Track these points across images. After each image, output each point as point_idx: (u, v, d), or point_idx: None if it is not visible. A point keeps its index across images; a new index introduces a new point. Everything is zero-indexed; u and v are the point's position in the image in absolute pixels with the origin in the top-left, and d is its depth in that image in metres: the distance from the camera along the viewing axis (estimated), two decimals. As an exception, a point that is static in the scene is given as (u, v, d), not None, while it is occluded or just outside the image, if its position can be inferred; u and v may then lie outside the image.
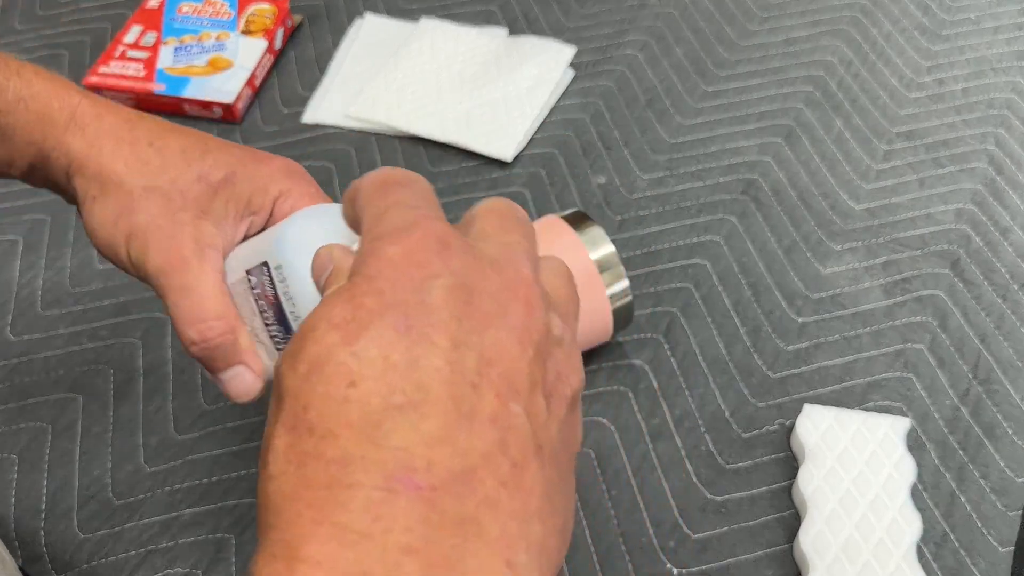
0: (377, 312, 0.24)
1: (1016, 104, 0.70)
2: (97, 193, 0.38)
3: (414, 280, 0.24)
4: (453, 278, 0.25)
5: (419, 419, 0.22)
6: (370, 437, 0.22)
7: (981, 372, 0.54)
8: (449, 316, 0.24)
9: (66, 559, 0.48)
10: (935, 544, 0.48)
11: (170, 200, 0.37)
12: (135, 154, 0.38)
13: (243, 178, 0.39)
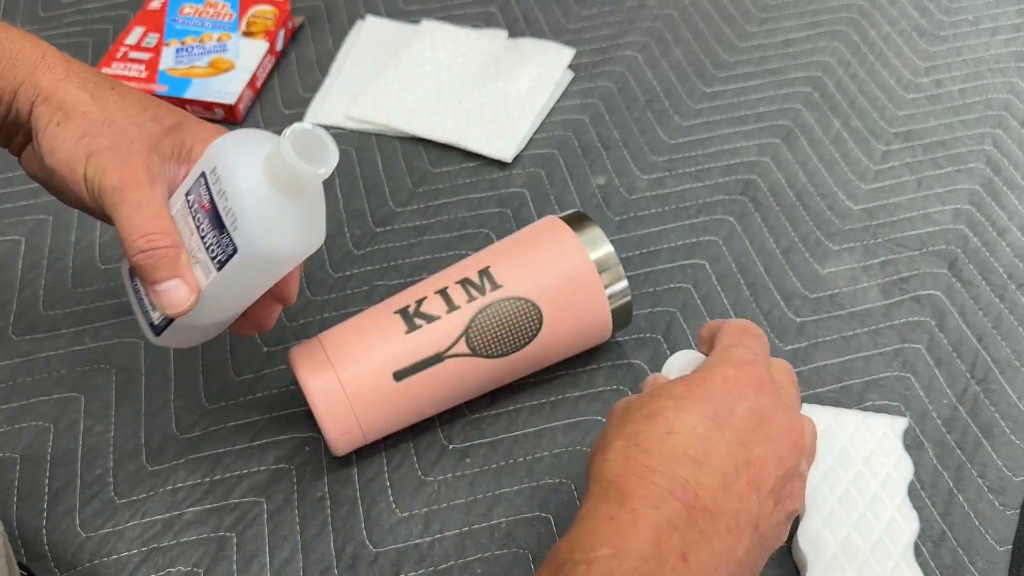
0: (701, 400, 0.38)
1: (1014, 105, 0.70)
2: (61, 119, 0.42)
3: (732, 395, 0.38)
4: (757, 406, 0.38)
5: (699, 470, 0.36)
6: (669, 465, 0.36)
7: (979, 371, 0.55)
8: (743, 425, 0.38)
9: (68, 558, 0.49)
10: (933, 543, 0.48)
11: (127, 131, 0.42)
12: (99, 92, 0.43)
13: (189, 129, 0.43)
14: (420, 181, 0.67)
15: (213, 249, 0.41)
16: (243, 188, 0.39)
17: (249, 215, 0.39)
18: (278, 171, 0.38)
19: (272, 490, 0.51)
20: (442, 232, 0.63)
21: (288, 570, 0.48)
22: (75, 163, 0.41)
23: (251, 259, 0.40)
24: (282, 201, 0.39)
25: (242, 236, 0.39)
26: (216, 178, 0.40)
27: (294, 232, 0.40)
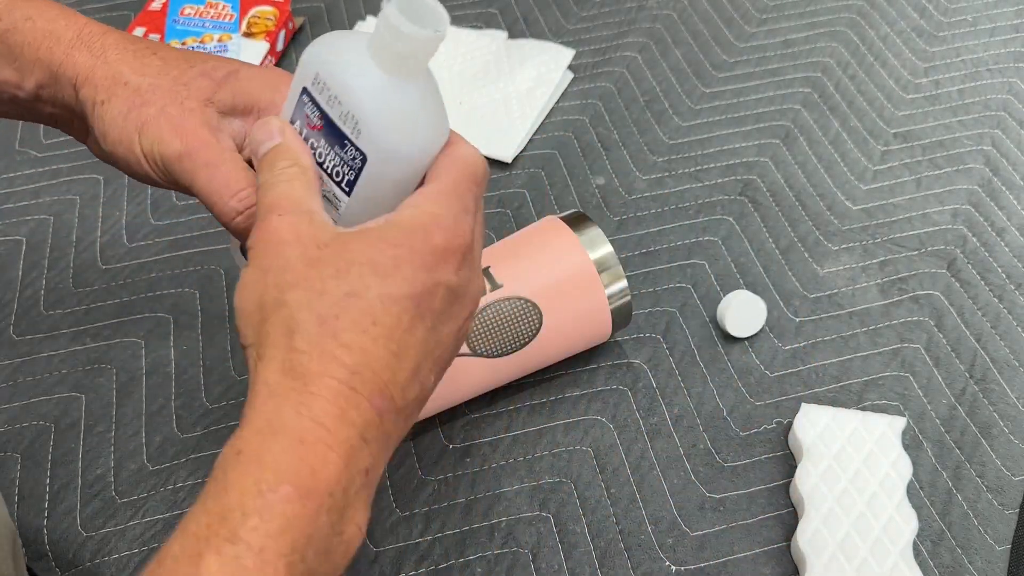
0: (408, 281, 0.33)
1: (1012, 105, 0.70)
2: (105, 97, 0.39)
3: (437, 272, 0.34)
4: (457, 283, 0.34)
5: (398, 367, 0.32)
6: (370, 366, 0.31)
7: (977, 371, 0.55)
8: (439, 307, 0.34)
9: (69, 557, 0.49)
10: (932, 542, 0.48)
11: (175, 92, 0.39)
12: (139, 59, 0.40)
13: (246, 75, 0.40)
14: (420, 181, 0.67)
15: (338, 171, 0.36)
16: (358, 83, 0.34)
17: (372, 110, 0.34)
18: (390, 46, 0.33)
19: (272, 489, 0.51)
20: (442, 232, 0.63)
21: (288, 569, 0.48)
22: (130, 141, 0.39)
23: (384, 164, 0.35)
24: (403, 87, 0.34)
25: (368, 138, 0.34)
26: (322, 86, 0.35)
27: (424, 122, 0.35)
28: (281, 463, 0.29)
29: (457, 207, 0.34)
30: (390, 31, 0.33)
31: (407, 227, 0.33)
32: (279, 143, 0.36)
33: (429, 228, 0.33)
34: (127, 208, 0.65)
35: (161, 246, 0.63)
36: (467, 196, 0.35)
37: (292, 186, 0.34)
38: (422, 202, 0.34)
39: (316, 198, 0.35)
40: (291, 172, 0.35)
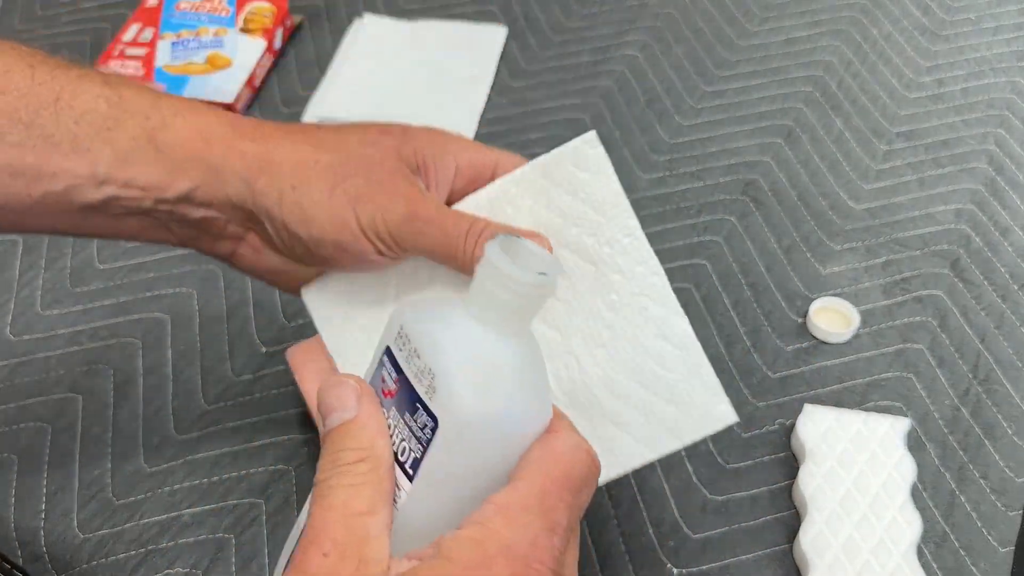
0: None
1: (1016, 104, 0.70)
2: (296, 182, 0.36)
3: None
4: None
5: None
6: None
7: (981, 372, 0.54)
8: None
9: (66, 559, 0.48)
10: (935, 544, 0.48)
11: (369, 158, 0.36)
12: (312, 138, 0.37)
13: (418, 131, 0.39)
14: (420, 180, 0.66)
15: (405, 448, 0.29)
16: (441, 330, 0.28)
17: (451, 361, 0.27)
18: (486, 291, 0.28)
19: (271, 491, 0.50)
20: (442, 232, 0.63)
21: (287, 572, 0.48)
22: (344, 217, 0.35)
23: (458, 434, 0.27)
24: (495, 341, 0.28)
25: (442, 396, 0.27)
26: (404, 340, 0.29)
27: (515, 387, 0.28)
28: None
29: (538, 526, 0.26)
30: (487, 270, 0.28)
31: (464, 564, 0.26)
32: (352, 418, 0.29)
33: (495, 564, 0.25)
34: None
35: (159, 246, 0.62)
36: (556, 509, 0.27)
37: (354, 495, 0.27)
38: (492, 518, 0.27)
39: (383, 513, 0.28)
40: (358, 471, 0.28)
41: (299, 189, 0.35)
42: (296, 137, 0.37)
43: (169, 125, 0.36)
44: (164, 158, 0.36)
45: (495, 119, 0.70)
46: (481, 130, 0.69)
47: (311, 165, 0.36)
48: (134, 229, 0.38)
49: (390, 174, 0.36)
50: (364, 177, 0.36)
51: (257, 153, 0.36)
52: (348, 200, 0.35)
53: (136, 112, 0.36)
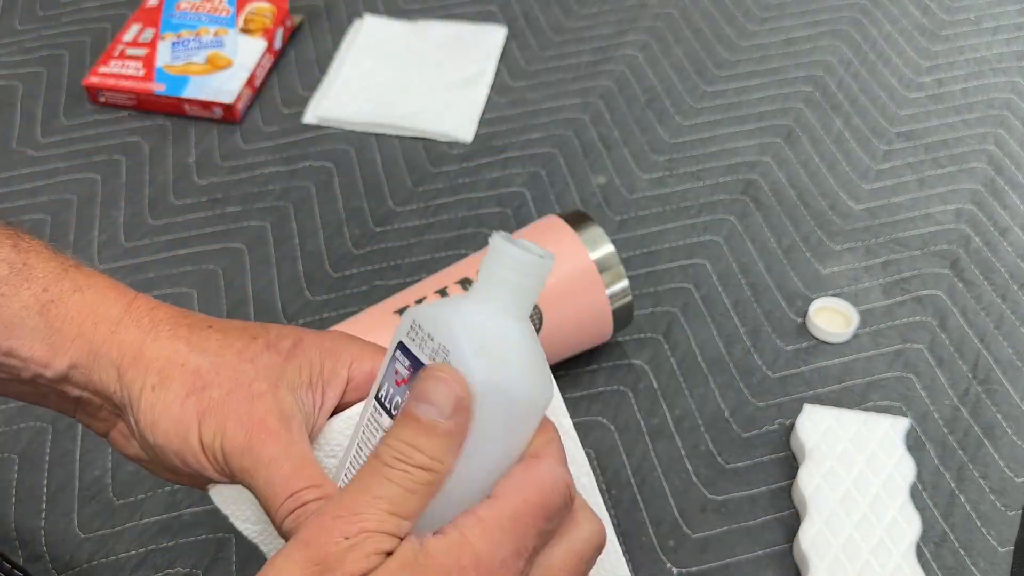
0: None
1: (1015, 104, 0.70)
2: (156, 381, 0.34)
3: None
4: None
5: None
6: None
7: (981, 372, 0.54)
8: None
9: (67, 559, 0.48)
10: (935, 544, 0.48)
11: (242, 372, 0.33)
12: (195, 335, 0.35)
13: (311, 344, 0.35)
14: (420, 181, 0.66)
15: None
16: (453, 316, 0.29)
17: (463, 338, 0.29)
18: (492, 274, 0.30)
19: (271, 491, 0.50)
20: (442, 232, 0.63)
21: (287, 571, 0.47)
22: (187, 431, 0.33)
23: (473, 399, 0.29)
24: (503, 319, 0.30)
25: (456, 362, 0.29)
26: (416, 330, 0.30)
27: (520, 365, 0.30)
28: None
29: (509, 547, 0.28)
30: (494, 256, 0.30)
31: (440, 566, 0.27)
32: (444, 427, 0.28)
33: (466, 574, 0.27)
34: (124, 208, 0.65)
35: (159, 246, 0.62)
36: (527, 533, 0.28)
37: (402, 500, 0.28)
38: (472, 528, 0.28)
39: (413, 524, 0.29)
40: (419, 479, 0.28)
41: (157, 390, 0.34)
42: (180, 332, 0.35)
43: (65, 300, 0.35)
44: (51, 333, 0.35)
45: (495, 119, 0.70)
46: (481, 130, 0.70)
47: (177, 366, 0.34)
48: (15, 392, 0.37)
49: (255, 397, 0.33)
50: (223, 391, 0.33)
51: (133, 343, 0.34)
52: (196, 412, 0.33)
53: (36, 280, 0.35)
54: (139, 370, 0.34)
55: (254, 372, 0.33)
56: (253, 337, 0.35)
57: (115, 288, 0.36)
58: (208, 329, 0.35)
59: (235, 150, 0.69)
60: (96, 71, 0.72)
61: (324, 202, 0.65)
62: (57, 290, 0.35)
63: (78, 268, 0.36)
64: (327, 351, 0.35)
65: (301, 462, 0.32)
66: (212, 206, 0.65)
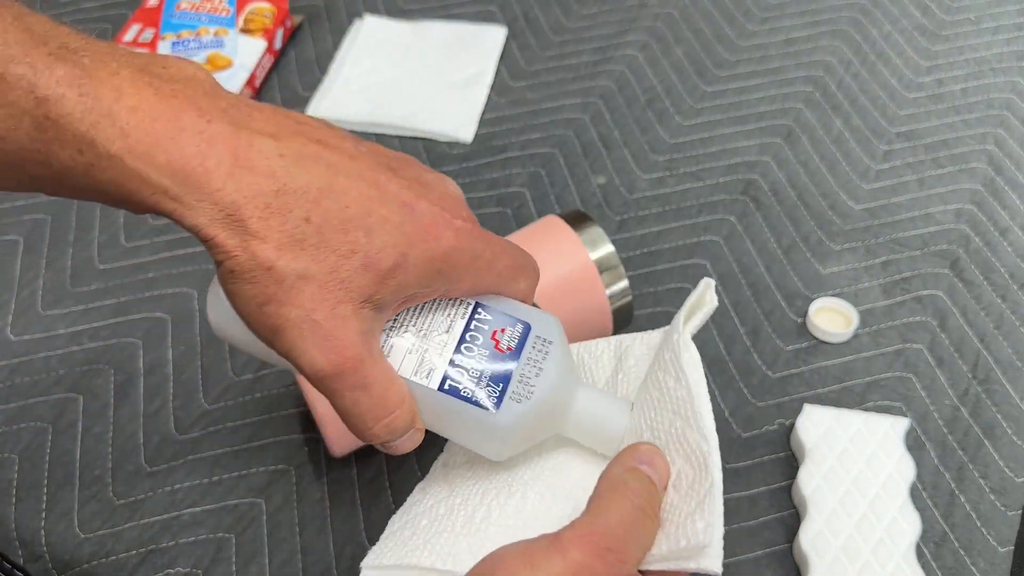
0: None
1: (1015, 104, 0.70)
2: (237, 270, 0.31)
3: None
4: None
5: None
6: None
7: (980, 372, 0.54)
8: None
9: (66, 559, 0.48)
10: (935, 544, 0.48)
11: (328, 291, 0.31)
12: (287, 230, 0.31)
13: (414, 262, 0.33)
14: (420, 180, 0.66)
15: (462, 374, 0.35)
16: (557, 391, 0.36)
17: (535, 411, 0.35)
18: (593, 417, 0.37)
19: (271, 491, 0.50)
20: (442, 232, 0.63)
21: (287, 571, 0.48)
22: (259, 329, 0.32)
23: (484, 427, 0.35)
24: (554, 423, 0.37)
25: (509, 413, 0.35)
26: (544, 352, 0.36)
27: (524, 444, 0.37)
28: None
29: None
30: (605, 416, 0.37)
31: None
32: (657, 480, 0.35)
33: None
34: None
35: (159, 246, 0.63)
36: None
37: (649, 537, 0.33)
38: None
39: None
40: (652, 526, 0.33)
41: (238, 281, 0.31)
42: (271, 215, 0.31)
43: (108, 166, 0.30)
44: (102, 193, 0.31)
45: (495, 119, 0.70)
46: (481, 130, 0.70)
47: (262, 267, 0.31)
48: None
49: (338, 320, 0.32)
50: (303, 312, 0.31)
51: (214, 215, 0.31)
52: (271, 325, 0.32)
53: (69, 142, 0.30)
54: (223, 249, 0.31)
55: (343, 294, 0.31)
56: (352, 250, 0.31)
57: (162, 150, 0.30)
58: (305, 224, 0.31)
59: (235, 150, 0.69)
60: (96, 71, 0.72)
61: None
62: (92, 155, 0.29)
63: (109, 119, 0.30)
64: (431, 274, 0.33)
65: (388, 384, 0.33)
66: (212, 206, 0.65)
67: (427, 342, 0.35)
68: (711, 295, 0.37)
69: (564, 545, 0.30)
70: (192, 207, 0.30)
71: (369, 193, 0.32)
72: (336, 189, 0.32)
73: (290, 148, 0.31)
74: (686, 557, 0.32)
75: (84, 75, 0.30)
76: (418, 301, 0.35)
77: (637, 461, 0.34)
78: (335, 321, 0.32)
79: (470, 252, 0.34)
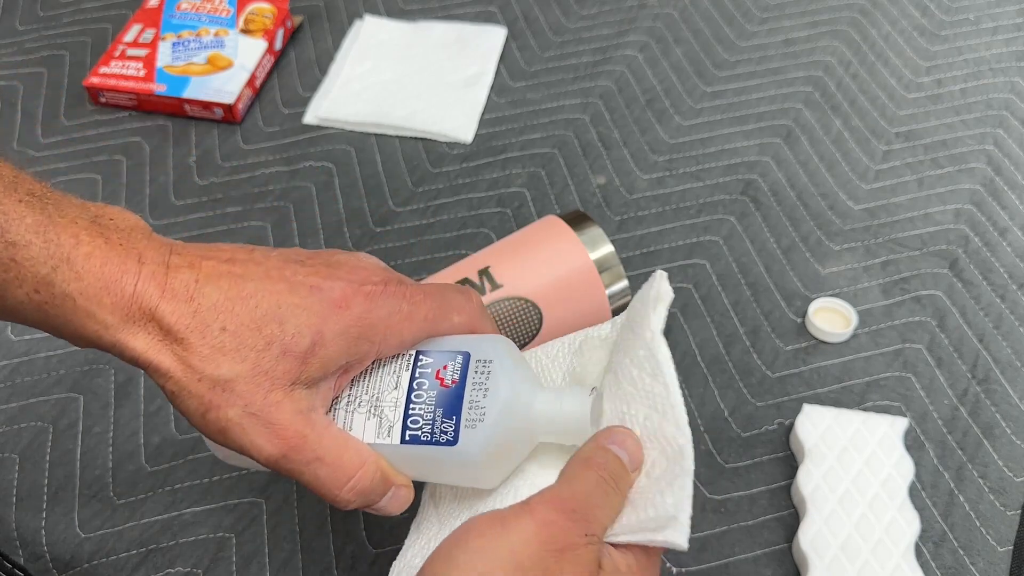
0: None
1: (1014, 105, 0.70)
2: (176, 389, 0.34)
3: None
4: None
5: None
6: None
7: (980, 372, 0.55)
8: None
9: (67, 558, 0.48)
10: (934, 543, 0.48)
11: (257, 385, 0.34)
12: (208, 343, 0.34)
13: (331, 336, 0.35)
14: (420, 181, 0.66)
15: (418, 420, 0.37)
16: (509, 404, 0.36)
17: (494, 431, 0.36)
18: (556, 414, 0.37)
19: (271, 490, 0.51)
20: (442, 232, 0.63)
21: (287, 570, 0.48)
22: (215, 435, 0.35)
23: (454, 461, 0.36)
24: (524, 434, 0.37)
25: (470, 440, 0.36)
26: (485, 372, 0.37)
27: (506, 464, 0.37)
28: None
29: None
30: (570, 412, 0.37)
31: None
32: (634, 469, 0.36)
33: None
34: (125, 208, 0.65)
35: (160, 246, 0.63)
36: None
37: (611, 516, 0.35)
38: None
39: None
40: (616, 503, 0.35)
41: (177, 396, 0.35)
42: (194, 329, 0.34)
43: (59, 304, 0.33)
44: (54, 329, 0.35)
45: (495, 119, 0.70)
46: (481, 130, 0.70)
47: (193, 380, 0.34)
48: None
49: (272, 406, 0.34)
50: (239, 408, 0.34)
51: (145, 351, 0.34)
52: (215, 430, 0.35)
53: (26, 280, 0.33)
54: (158, 375, 0.35)
55: (270, 384, 0.34)
56: (268, 343, 0.34)
57: (108, 287, 0.33)
58: (222, 334, 0.34)
59: (236, 150, 0.69)
60: (97, 72, 0.72)
61: (324, 202, 0.65)
62: (48, 293, 0.33)
63: (69, 263, 0.33)
64: (351, 341, 0.36)
65: (340, 451, 0.36)
66: (213, 206, 0.65)
67: (381, 403, 0.37)
68: (667, 287, 0.38)
69: (532, 506, 0.32)
70: (131, 337, 0.34)
71: (277, 288, 0.35)
72: (244, 295, 0.35)
73: (203, 273, 0.35)
74: (652, 528, 0.33)
75: (49, 224, 0.33)
76: (357, 370, 0.37)
77: (608, 441, 0.35)
78: (269, 409, 0.34)
79: (385, 310, 0.36)
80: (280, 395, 0.35)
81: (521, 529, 0.31)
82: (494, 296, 0.49)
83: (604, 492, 0.34)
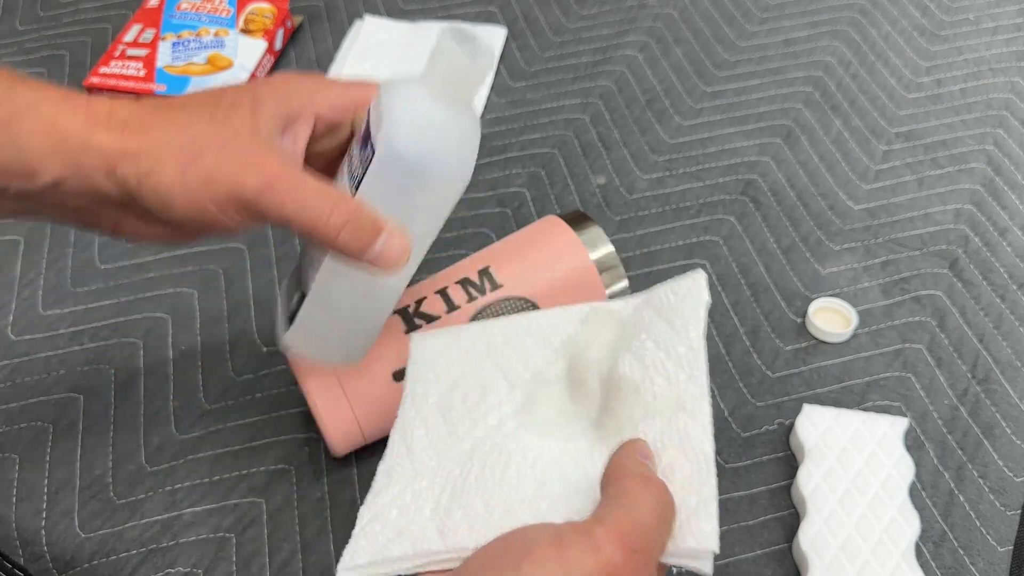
0: None
1: (1014, 105, 0.70)
2: (150, 166, 0.36)
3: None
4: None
5: None
6: None
7: (980, 372, 0.55)
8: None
9: (67, 558, 0.48)
10: (934, 543, 0.48)
11: (221, 132, 0.37)
12: (166, 119, 0.37)
13: (268, 95, 0.39)
14: (420, 181, 0.66)
15: (356, 173, 0.38)
16: (398, 91, 0.36)
17: (396, 111, 0.36)
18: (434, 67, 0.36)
19: (271, 490, 0.51)
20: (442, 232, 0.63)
21: (288, 570, 0.48)
22: (199, 198, 0.36)
23: (390, 164, 0.36)
24: (434, 101, 0.36)
25: (384, 135, 0.36)
26: (376, 102, 0.37)
27: (442, 140, 0.37)
28: None
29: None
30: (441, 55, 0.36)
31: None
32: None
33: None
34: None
35: (160, 245, 0.63)
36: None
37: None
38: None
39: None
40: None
41: (154, 174, 0.36)
42: (147, 120, 0.37)
43: (23, 116, 0.36)
44: (21, 149, 0.36)
45: (495, 119, 0.70)
46: (481, 130, 0.70)
47: (164, 147, 0.36)
48: (25, 210, 0.39)
49: (243, 148, 0.37)
50: (214, 153, 0.36)
51: (112, 144, 0.36)
52: (199, 180, 0.36)
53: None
54: (129, 164, 0.36)
55: (233, 131, 0.37)
56: (216, 104, 0.38)
57: (67, 96, 0.37)
58: (172, 110, 0.37)
59: (235, 150, 0.69)
60: (97, 72, 0.72)
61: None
62: (12, 108, 0.36)
63: (25, 83, 0.37)
64: (285, 96, 0.39)
65: (318, 181, 0.37)
66: (212, 206, 0.65)
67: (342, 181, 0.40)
68: (707, 292, 0.38)
69: (598, 542, 0.30)
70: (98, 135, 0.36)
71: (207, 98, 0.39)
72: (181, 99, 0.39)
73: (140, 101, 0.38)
74: (689, 556, 0.32)
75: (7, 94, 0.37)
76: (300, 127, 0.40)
77: (642, 455, 0.34)
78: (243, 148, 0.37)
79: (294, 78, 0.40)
80: (246, 138, 0.37)
81: (581, 564, 0.30)
82: (494, 296, 0.49)
83: (663, 519, 0.33)
